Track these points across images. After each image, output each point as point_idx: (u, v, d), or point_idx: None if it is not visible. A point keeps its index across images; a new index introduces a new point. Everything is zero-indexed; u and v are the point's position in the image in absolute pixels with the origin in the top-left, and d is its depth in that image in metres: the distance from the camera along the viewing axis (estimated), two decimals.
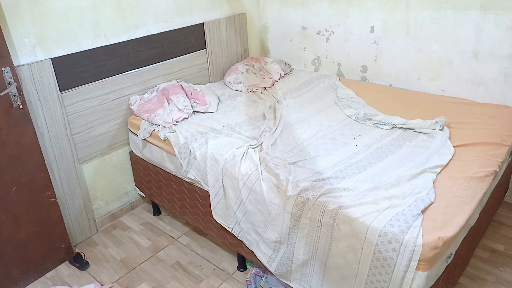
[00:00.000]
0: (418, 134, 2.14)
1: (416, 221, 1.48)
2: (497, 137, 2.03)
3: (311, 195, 1.68)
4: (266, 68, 3.09)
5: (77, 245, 2.54)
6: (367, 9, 2.77)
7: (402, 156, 1.94)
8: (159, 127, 2.36)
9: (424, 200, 1.58)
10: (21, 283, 2.22)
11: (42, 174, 2.17)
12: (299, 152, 2.06)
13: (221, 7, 3.09)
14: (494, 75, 2.38)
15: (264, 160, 1.95)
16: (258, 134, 2.24)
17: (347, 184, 1.74)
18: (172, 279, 2.23)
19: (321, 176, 1.81)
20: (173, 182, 2.41)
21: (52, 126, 2.24)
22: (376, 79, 2.91)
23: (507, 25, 2.25)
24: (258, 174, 1.87)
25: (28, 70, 2.07)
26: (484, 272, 2.12)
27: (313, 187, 1.73)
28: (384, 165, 1.87)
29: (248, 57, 3.30)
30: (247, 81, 2.92)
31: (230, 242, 2.18)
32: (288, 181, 1.77)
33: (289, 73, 3.24)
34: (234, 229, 2.06)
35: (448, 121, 2.20)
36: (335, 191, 1.69)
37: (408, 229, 1.44)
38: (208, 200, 2.15)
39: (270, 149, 2.07)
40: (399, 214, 1.51)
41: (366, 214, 1.54)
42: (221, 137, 2.19)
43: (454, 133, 2.11)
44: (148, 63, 2.66)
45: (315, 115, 2.47)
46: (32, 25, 2.08)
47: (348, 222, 1.55)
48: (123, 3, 2.45)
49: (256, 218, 1.89)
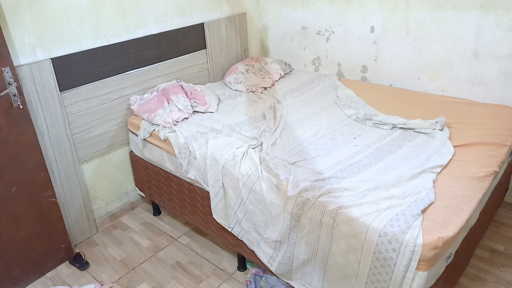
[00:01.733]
0: (418, 134, 2.14)
1: (416, 221, 1.48)
2: (497, 137, 2.03)
3: (311, 195, 1.68)
4: (266, 68, 3.09)
5: (77, 245, 2.55)
6: (367, 9, 2.77)
7: (402, 156, 1.94)
8: (159, 127, 2.36)
9: (424, 200, 1.58)
10: (21, 283, 2.22)
11: (42, 174, 2.17)
12: (299, 152, 2.06)
13: (221, 7, 3.09)
14: (494, 75, 2.38)
15: (264, 160, 1.95)
16: (258, 134, 2.24)
17: (347, 184, 1.74)
18: (172, 279, 2.23)
19: (321, 176, 1.81)
20: (173, 182, 2.41)
21: (52, 126, 2.24)
22: (376, 79, 2.91)
23: (507, 25, 2.25)
24: (258, 174, 1.87)
25: (28, 70, 2.07)
26: (484, 272, 2.12)
27: (313, 187, 1.73)
28: (384, 165, 1.87)
29: (248, 57, 3.30)
30: (247, 81, 2.92)
31: (230, 242, 2.18)
32: (288, 181, 1.77)
33: (289, 73, 3.24)
34: (234, 229, 2.06)
35: (448, 121, 2.20)
36: (335, 191, 1.69)
37: (408, 229, 1.44)
38: (208, 200, 2.15)
39: (270, 149, 2.07)
40: (399, 214, 1.51)
41: (366, 214, 1.54)
42: (221, 137, 2.19)
43: (454, 133, 2.11)
44: (148, 63, 2.66)
45: (315, 115, 2.48)
46: (32, 25, 2.08)
47: (348, 222, 1.55)
48: (123, 3, 2.45)
49: (257, 218, 1.90)
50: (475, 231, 1.92)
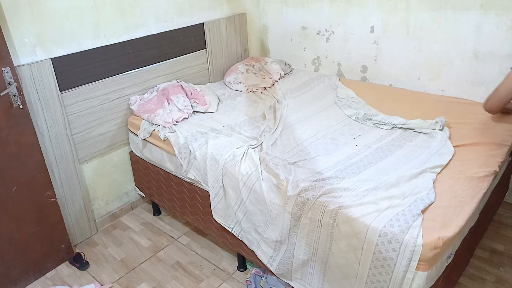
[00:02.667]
0: (418, 134, 2.14)
1: (416, 221, 1.48)
2: (497, 137, 2.02)
3: (311, 195, 1.68)
4: (266, 68, 3.08)
5: (77, 245, 2.54)
6: (367, 9, 2.77)
7: (402, 156, 1.94)
8: (159, 127, 2.36)
9: (424, 200, 1.58)
10: (21, 283, 2.22)
11: (42, 174, 2.17)
12: (299, 152, 2.06)
13: (221, 7, 3.09)
14: (494, 75, 2.37)
15: (264, 160, 1.95)
16: (258, 134, 2.24)
17: (347, 184, 1.74)
18: (172, 279, 2.23)
19: (321, 176, 1.81)
20: (173, 182, 2.41)
21: (52, 126, 2.24)
22: (376, 79, 2.91)
23: (507, 25, 2.25)
24: (258, 174, 1.87)
25: (28, 70, 2.07)
26: (484, 272, 2.12)
27: (313, 187, 1.73)
28: (384, 165, 1.87)
29: (248, 57, 3.30)
30: (247, 81, 2.92)
31: (230, 242, 2.18)
32: (288, 181, 1.77)
33: (289, 73, 3.24)
34: (234, 229, 2.06)
35: (448, 121, 2.20)
36: (335, 191, 1.69)
37: (408, 229, 1.44)
38: (208, 200, 2.15)
39: (270, 149, 2.07)
40: (399, 214, 1.51)
41: (366, 214, 1.54)
42: (221, 137, 2.19)
43: (454, 133, 2.11)
44: (148, 63, 2.66)
45: (315, 115, 2.47)
46: (32, 25, 2.08)
47: (348, 222, 1.55)
48: (123, 3, 2.45)
49: (257, 218, 1.90)
50: (475, 231, 1.92)
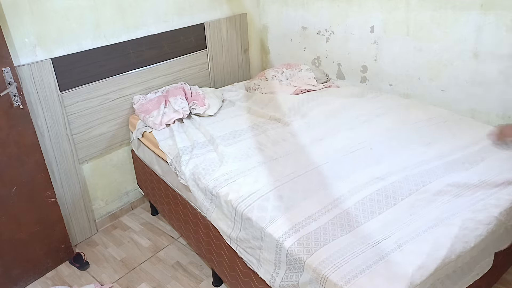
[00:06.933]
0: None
1: None
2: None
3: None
4: (298, 76, 2.86)
5: (77, 245, 2.55)
6: (367, 9, 2.77)
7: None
8: (152, 129, 2.35)
9: None
10: (21, 283, 2.22)
11: (42, 174, 2.17)
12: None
13: (222, 7, 3.09)
14: (494, 75, 2.37)
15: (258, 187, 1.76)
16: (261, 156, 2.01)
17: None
18: (172, 279, 2.23)
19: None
20: (161, 185, 2.38)
21: (52, 126, 2.24)
22: (376, 79, 2.91)
23: (507, 25, 2.24)
24: (251, 201, 1.70)
25: (28, 70, 2.08)
26: None
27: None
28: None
29: (284, 63, 3.09)
30: (265, 89, 2.77)
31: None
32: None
33: (325, 83, 2.92)
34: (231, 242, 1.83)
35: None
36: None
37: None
38: (196, 210, 2.04)
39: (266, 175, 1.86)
40: None
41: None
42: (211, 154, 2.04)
43: None
44: (148, 63, 2.66)
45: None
46: (32, 25, 2.08)
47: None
48: (123, 3, 2.45)
49: (252, 244, 1.69)
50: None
